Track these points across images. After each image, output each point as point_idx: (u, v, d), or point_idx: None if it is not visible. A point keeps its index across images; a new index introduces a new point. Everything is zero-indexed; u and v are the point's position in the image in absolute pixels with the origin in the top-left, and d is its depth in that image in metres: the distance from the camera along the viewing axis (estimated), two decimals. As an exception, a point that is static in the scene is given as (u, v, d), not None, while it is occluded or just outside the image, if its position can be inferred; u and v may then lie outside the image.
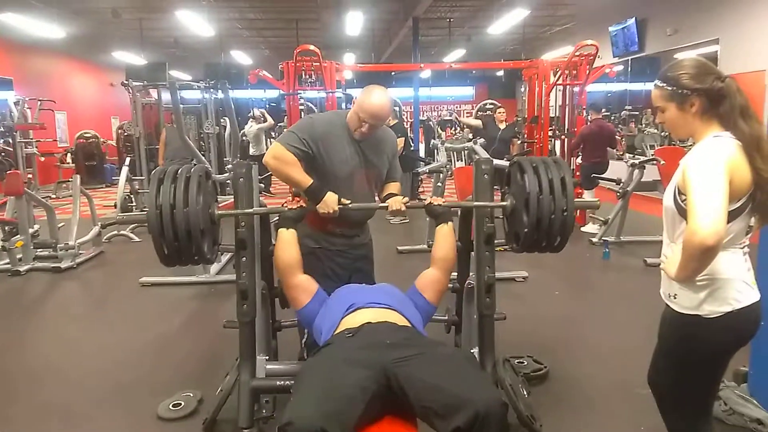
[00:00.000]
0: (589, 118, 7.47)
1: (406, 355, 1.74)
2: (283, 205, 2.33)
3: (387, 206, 2.42)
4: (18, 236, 5.35)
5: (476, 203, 2.31)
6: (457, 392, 1.59)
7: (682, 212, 1.54)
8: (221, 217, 2.19)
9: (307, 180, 2.37)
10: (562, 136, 7.41)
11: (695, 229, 1.40)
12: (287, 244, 2.25)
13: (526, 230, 2.07)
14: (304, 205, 2.31)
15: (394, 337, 1.87)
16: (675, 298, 1.63)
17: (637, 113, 11.93)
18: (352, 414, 1.56)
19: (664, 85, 1.63)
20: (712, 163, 1.48)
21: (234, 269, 2.25)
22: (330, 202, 2.32)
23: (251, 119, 10.91)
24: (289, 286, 2.24)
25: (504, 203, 2.23)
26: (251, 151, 10.43)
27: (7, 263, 5.35)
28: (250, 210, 2.23)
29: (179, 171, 2.00)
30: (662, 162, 5.80)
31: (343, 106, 7.83)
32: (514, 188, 2.18)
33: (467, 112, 20.66)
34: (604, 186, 6.48)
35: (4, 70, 12.37)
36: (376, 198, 2.66)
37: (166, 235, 1.92)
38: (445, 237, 2.32)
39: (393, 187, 2.65)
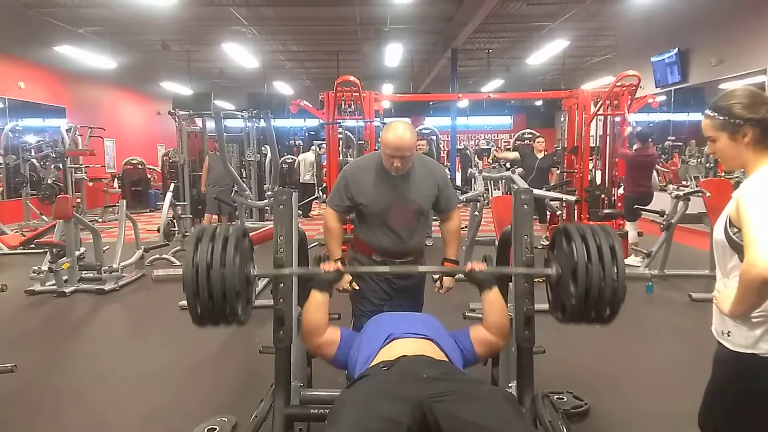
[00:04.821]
0: (633, 149, 7.26)
1: (443, 390, 1.70)
2: (319, 266, 2.27)
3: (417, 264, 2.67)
4: (65, 258, 5.52)
5: (518, 270, 2.20)
6: None
7: (734, 245, 1.48)
8: (258, 277, 2.15)
9: (334, 256, 2.64)
10: (604, 161, 7.22)
11: (754, 261, 1.34)
12: (319, 306, 2.17)
13: (573, 302, 1.96)
14: (341, 268, 2.26)
15: (431, 371, 1.83)
16: (729, 335, 1.56)
17: (680, 144, 11.65)
18: None
19: (716, 114, 1.59)
20: None
21: (271, 295, 2.26)
22: (342, 282, 2.58)
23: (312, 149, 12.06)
24: (314, 347, 2.21)
25: (549, 271, 2.09)
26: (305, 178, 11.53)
27: (54, 284, 5.52)
28: (287, 271, 2.21)
29: (217, 230, 1.97)
30: (708, 194, 5.63)
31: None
32: (560, 255, 2.07)
33: (504, 141, 20.57)
34: (648, 218, 6.32)
35: (58, 99, 12.94)
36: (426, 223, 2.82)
37: (200, 295, 1.89)
38: (493, 304, 2.20)
39: (451, 250, 2.77)
